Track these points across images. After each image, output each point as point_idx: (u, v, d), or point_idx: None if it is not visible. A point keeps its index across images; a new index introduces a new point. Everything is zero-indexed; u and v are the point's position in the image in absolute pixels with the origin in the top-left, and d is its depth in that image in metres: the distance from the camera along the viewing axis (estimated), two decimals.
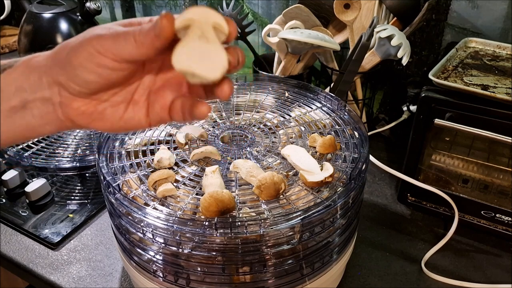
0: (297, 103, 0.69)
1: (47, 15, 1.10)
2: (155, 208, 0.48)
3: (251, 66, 1.01)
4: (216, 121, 0.66)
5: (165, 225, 0.46)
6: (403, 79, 0.95)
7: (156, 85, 0.36)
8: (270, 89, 0.72)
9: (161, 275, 0.52)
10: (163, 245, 0.49)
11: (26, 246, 0.70)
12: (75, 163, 0.80)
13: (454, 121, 0.65)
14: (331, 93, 0.68)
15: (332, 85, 0.88)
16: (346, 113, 0.64)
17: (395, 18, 0.85)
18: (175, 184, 0.52)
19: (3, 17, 1.35)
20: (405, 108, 0.90)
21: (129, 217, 0.49)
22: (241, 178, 0.53)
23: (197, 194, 0.51)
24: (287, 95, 0.71)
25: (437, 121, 0.66)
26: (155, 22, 0.29)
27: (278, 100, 0.70)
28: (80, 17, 1.12)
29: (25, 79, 0.33)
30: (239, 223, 0.45)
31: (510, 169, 0.71)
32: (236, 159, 0.56)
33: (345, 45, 0.93)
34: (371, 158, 0.75)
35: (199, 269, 0.49)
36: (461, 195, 0.72)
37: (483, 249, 0.70)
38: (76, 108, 0.34)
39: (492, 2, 0.82)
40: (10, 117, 0.34)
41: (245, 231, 0.45)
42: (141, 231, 0.49)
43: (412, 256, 0.69)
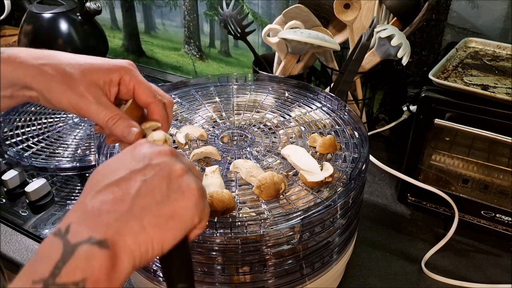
0: (297, 103, 0.69)
1: (47, 15, 1.10)
2: None
3: (251, 66, 1.01)
4: (216, 121, 0.66)
5: None
6: (403, 79, 0.95)
7: None
8: (270, 89, 0.72)
9: (161, 275, 0.52)
10: None
11: (26, 246, 0.70)
12: (75, 163, 0.80)
13: (454, 121, 0.65)
14: (331, 93, 0.68)
15: (332, 85, 0.88)
16: (346, 113, 0.64)
17: (395, 18, 0.85)
18: None
19: (3, 17, 1.35)
20: (405, 108, 0.90)
21: None
22: (241, 178, 0.53)
23: None
24: (287, 95, 0.71)
25: (437, 121, 0.66)
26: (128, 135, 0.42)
27: (278, 100, 0.70)
28: (80, 17, 1.12)
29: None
30: (239, 223, 0.45)
31: (510, 169, 0.71)
32: (236, 159, 0.56)
33: (345, 45, 0.93)
34: (371, 158, 0.75)
35: (199, 269, 0.49)
36: (461, 195, 0.72)
37: (483, 249, 0.70)
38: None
39: (492, 2, 0.82)
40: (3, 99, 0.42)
41: (245, 231, 0.45)
42: None
43: (412, 256, 0.69)
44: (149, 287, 0.54)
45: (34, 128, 0.89)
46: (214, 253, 0.48)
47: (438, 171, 0.76)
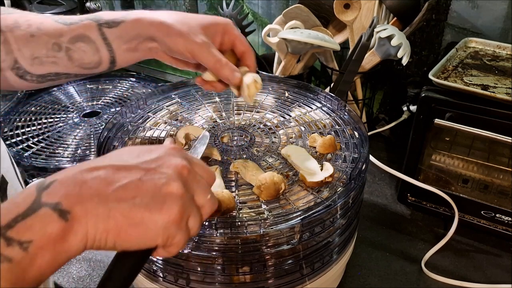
0: (297, 103, 0.69)
1: None
2: None
3: None
4: (216, 121, 0.66)
5: None
6: (403, 79, 0.95)
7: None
8: (270, 89, 0.72)
9: (161, 275, 0.52)
10: None
11: None
12: (75, 163, 0.80)
13: (454, 121, 0.65)
14: (331, 93, 0.68)
15: (332, 85, 0.88)
16: (346, 113, 0.64)
17: (395, 18, 0.85)
18: None
19: None
20: (405, 108, 0.90)
21: None
22: (241, 178, 0.53)
23: None
24: (287, 95, 0.71)
25: (437, 121, 0.66)
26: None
27: (278, 100, 0.70)
28: None
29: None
30: (239, 223, 0.45)
31: (510, 169, 0.71)
32: (236, 159, 0.56)
33: (345, 45, 0.93)
34: (371, 158, 0.75)
35: (199, 269, 0.49)
36: (461, 195, 0.72)
37: (483, 249, 0.70)
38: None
39: (492, 2, 0.82)
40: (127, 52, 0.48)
41: (245, 231, 0.45)
42: None
43: (412, 256, 0.69)
44: (149, 287, 0.54)
45: (34, 128, 0.89)
46: (214, 253, 0.48)
47: (438, 171, 0.76)
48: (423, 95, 0.66)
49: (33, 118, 0.93)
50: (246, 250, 0.48)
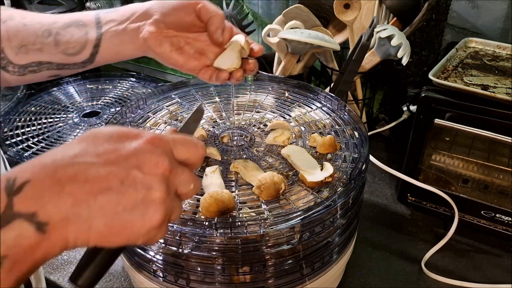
0: (297, 103, 0.69)
1: None
2: None
3: None
4: (216, 121, 0.66)
5: None
6: (403, 79, 0.95)
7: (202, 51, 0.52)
8: (270, 89, 0.73)
9: (161, 275, 0.52)
10: (163, 245, 0.49)
11: None
12: None
13: (454, 121, 0.65)
14: (331, 93, 0.68)
15: (332, 85, 0.88)
16: (346, 113, 0.64)
17: (395, 18, 0.85)
18: None
19: None
20: (405, 108, 0.90)
21: None
22: (241, 178, 0.53)
23: (197, 194, 0.51)
24: (287, 95, 0.71)
25: (437, 121, 0.66)
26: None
27: (278, 100, 0.70)
28: None
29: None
30: (239, 223, 0.45)
31: (510, 169, 0.71)
32: (236, 159, 0.56)
33: (345, 45, 0.93)
34: (371, 158, 0.75)
35: (199, 269, 0.49)
36: (461, 195, 0.72)
37: (483, 249, 0.70)
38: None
39: (492, 2, 0.82)
40: (114, 37, 0.48)
41: (245, 231, 0.45)
42: None
43: (412, 256, 0.69)
44: (149, 287, 0.54)
45: (34, 128, 0.89)
46: (214, 253, 0.48)
47: (438, 171, 0.76)
48: (423, 95, 0.66)
49: (33, 118, 0.93)
50: (246, 250, 0.48)
